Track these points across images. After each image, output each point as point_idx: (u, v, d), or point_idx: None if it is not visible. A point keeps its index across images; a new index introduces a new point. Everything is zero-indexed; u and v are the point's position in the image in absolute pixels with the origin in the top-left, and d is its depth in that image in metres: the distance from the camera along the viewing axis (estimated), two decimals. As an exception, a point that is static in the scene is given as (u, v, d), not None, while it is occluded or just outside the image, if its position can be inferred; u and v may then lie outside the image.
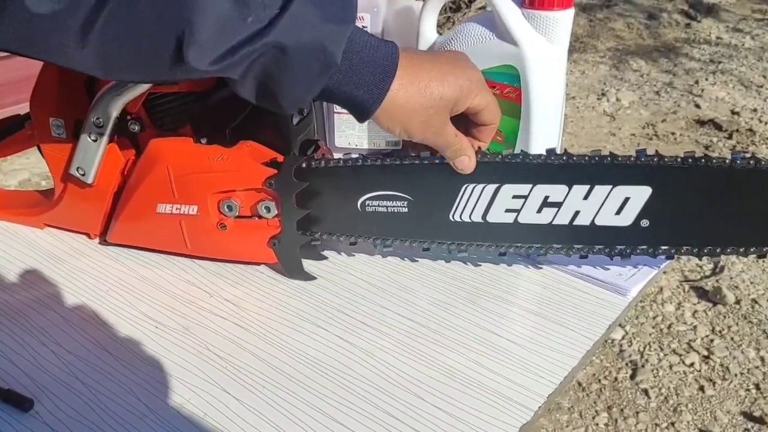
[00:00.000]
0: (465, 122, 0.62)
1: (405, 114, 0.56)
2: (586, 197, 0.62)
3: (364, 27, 0.87)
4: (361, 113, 0.55)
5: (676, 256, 0.64)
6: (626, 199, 0.62)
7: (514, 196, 0.64)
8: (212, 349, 0.61)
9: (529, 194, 0.63)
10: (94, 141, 0.69)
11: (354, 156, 0.66)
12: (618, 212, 0.63)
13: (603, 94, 3.19)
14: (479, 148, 0.64)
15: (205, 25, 0.46)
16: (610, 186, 0.62)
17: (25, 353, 0.60)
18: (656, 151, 0.62)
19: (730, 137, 2.77)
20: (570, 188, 0.62)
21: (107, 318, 0.65)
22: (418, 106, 0.56)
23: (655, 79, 3.36)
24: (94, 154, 0.69)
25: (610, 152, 0.62)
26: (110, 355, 0.60)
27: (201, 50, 0.46)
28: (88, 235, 0.77)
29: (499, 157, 0.64)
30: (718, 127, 2.86)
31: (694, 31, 4.03)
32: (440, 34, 0.81)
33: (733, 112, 3.00)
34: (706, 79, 3.34)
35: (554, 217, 0.64)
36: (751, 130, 2.81)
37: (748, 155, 0.60)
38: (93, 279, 0.70)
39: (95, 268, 0.72)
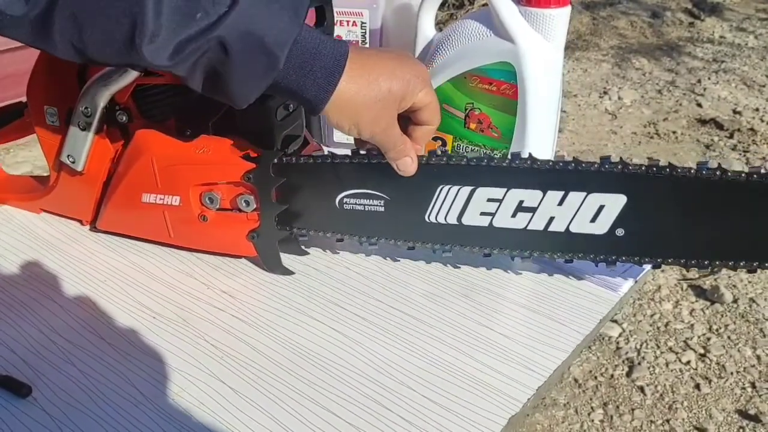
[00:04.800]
0: (404, 124, 0.62)
1: (355, 108, 0.56)
2: (560, 203, 0.62)
3: (363, 23, 0.88)
4: (312, 108, 0.56)
5: (663, 266, 0.63)
6: (601, 207, 0.61)
7: (489, 200, 0.63)
8: (208, 339, 0.62)
9: (503, 198, 0.63)
10: (83, 130, 0.70)
11: (332, 152, 0.66)
12: (593, 220, 0.62)
13: (605, 92, 3.19)
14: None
15: (156, 17, 0.47)
16: (585, 193, 0.61)
17: (23, 341, 0.61)
18: (621, 158, 0.60)
19: (731, 136, 2.77)
20: (544, 194, 0.62)
21: (105, 307, 0.66)
22: (367, 99, 0.56)
23: (658, 78, 3.35)
24: (83, 143, 0.71)
25: (574, 158, 0.62)
26: (107, 344, 0.61)
27: (153, 42, 0.47)
28: (81, 222, 0.79)
29: (475, 160, 0.63)
30: (720, 126, 2.86)
31: (697, 29, 4.02)
32: (439, 30, 0.82)
33: (735, 112, 2.99)
34: (709, 78, 3.34)
35: (529, 222, 0.63)
36: (752, 129, 2.81)
37: (714, 166, 0.58)
38: (91, 268, 0.71)
39: (93, 257, 0.73)
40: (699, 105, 3.07)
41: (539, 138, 0.76)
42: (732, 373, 1.65)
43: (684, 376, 1.65)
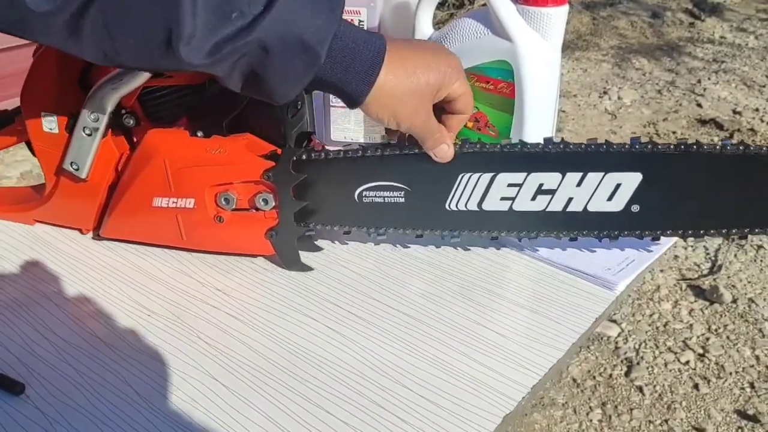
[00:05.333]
0: (438, 113, 0.63)
1: (394, 100, 0.57)
2: (579, 184, 0.64)
3: (360, 22, 0.87)
4: (352, 101, 0.57)
5: (662, 237, 0.67)
6: (618, 186, 0.64)
7: (509, 185, 0.65)
8: (203, 338, 0.61)
9: (523, 182, 0.65)
10: (89, 135, 0.69)
11: (353, 147, 0.67)
12: (610, 198, 0.64)
13: (605, 92, 3.19)
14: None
15: (192, 18, 0.47)
16: (603, 173, 0.63)
17: (18, 339, 0.61)
18: (649, 138, 0.64)
19: (731, 136, 2.77)
20: (564, 176, 0.64)
21: (99, 305, 0.65)
22: (406, 91, 0.57)
23: (658, 78, 3.35)
24: (89, 149, 0.70)
25: (605, 140, 0.64)
26: (101, 342, 0.61)
27: (190, 43, 0.47)
28: (80, 231, 0.77)
29: (497, 146, 0.65)
30: (720, 126, 2.86)
31: (697, 30, 4.02)
32: (437, 29, 0.82)
33: (734, 112, 2.99)
34: (709, 79, 3.33)
35: (548, 204, 0.65)
36: (752, 129, 2.81)
37: (736, 141, 0.61)
38: (86, 267, 0.71)
39: (89, 255, 0.73)
40: (699, 105, 3.07)
41: (536, 137, 0.76)
42: (731, 374, 1.65)
43: (683, 376, 1.64)
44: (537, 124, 0.75)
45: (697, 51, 3.70)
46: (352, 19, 0.87)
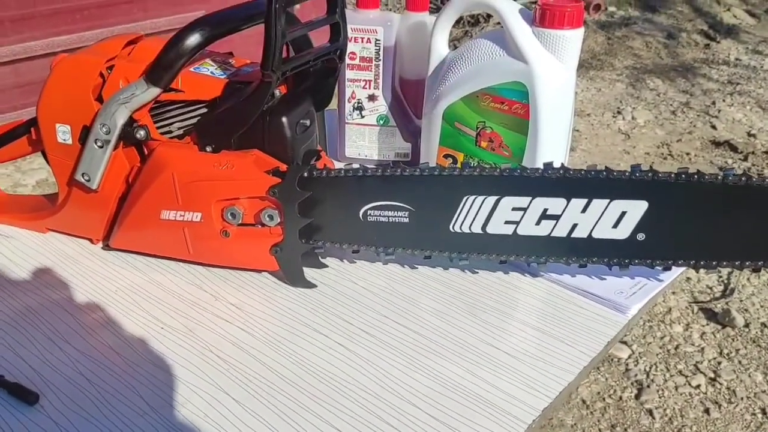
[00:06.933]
0: None
1: None
2: (584, 210, 0.64)
3: (377, 41, 0.88)
4: None
5: (673, 267, 0.66)
6: (623, 213, 0.63)
7: (514, 208, 0.65)
8: (215, 351, 0.62)
9: (528, 206, 0.65)
10: (100, 147, 0.70)
11: (355, 166, 0.67)
12: (615, 225, 0.64)
13: (619, 112, 3.18)
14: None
15: None
16: (608, 200, 0.63)
17: (34, 349, 0.62)
18: (650, 166, 0.63)
19: (745, 159, 2.76)
20: (568, 201, 0.64)
21: (114, 317, 0.66)
22: None
23: (672, 99, 3.35)
24: (100, 161, 0.71)
25: (605, 167, 0.64)
26: (115, 353, 0.61)
27: None
28: (90, 240, 0.78)
29: (502, 170, 0.65)
30: (734, 148, 2.84)
31: (712, 51, 4.01)
32: (453, 48, 0.83)
33: (749, 134, 2.98)
34: (724, 101, 3.32)
35: (552, 229, 0.65)
36: (767, 152, 2.79)
37: (739, 172, 0.61)
38: (100, 277, 0.72)
39: (105, 268, 0.74)
40: (713, 127, 3.06)
41: (550, 157, 0.76)
42: (742, 399, 1.63)
43: (693, 400, 1.63)
44: (551, 145, 0.75)
45: (712, 72, 3.69)
46: (368, 39, 0.89)
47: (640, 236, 0.64)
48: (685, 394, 1.65)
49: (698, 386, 1.67)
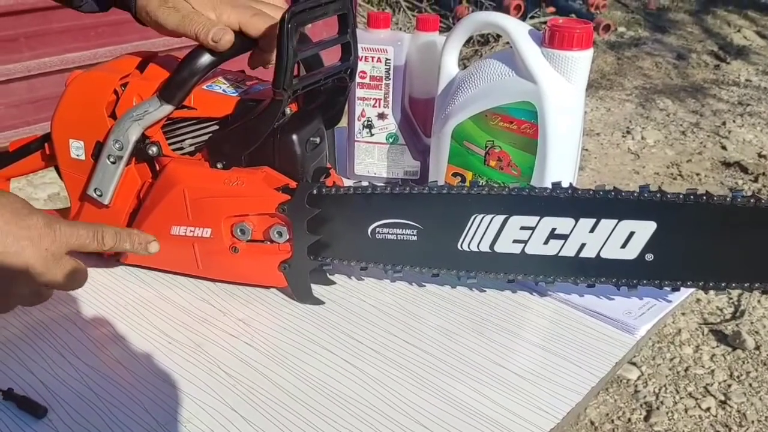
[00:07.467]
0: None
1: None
2: (592, 230, 0.64)
3: (387, 60, 0.89)
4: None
5: (681, 288, 0.66)
6: (631, 233, 0.63)
7: (522, 228, 0.65)
8: (222, 367, 0.62)
9: (536, 226, 0.65)
10: (113, 163, 0.71)
11: (364, 184, 0.68)
12: (623, 246, 0.64)
13: (628, 132, 3.19)
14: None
15: None
16: (616, 220, 0.63)
17: (43, 363, 0.62)
18: (659, 187, 0.63)
19: (756, 180, 2.75)
20: (577, 221, 0.64)
21: (123, 332, 0.66)
22: None
23: (682, 119, 3.35)
24: (112, 176, 0.71)
25: (614, 187, 0.64)
26: (123, 368, 0.62)
27: None
28: (102, 255, 0.79)
29: (511, 189, 0.65)
30: (744, 169, 2.84)
31: (723, 72, 4.02)
32: (463, 67, 0.83)
33: (759, 155, 2.97)
34: (734, 121, 3.32)
35: (561, 249, 0.65)
36: (777, 173, 2.78)
37: (748, 194, 0.61)
38: (110, 291, 0.72)
39: (112, 281, 0.74)
40: (723, 147, 3.05)
41: (558, 177, 0.76)
42: (753, 422, 1.61)
43: (703, 423, 1.61)
44: (560, 164, 0.76)
45: (722, 93, 3.69)
46: (378, 58, 0.89)
47: (649, 257, 0.64)
48: (695, 416, 1.63)
49: (708, 409, 1.65)
